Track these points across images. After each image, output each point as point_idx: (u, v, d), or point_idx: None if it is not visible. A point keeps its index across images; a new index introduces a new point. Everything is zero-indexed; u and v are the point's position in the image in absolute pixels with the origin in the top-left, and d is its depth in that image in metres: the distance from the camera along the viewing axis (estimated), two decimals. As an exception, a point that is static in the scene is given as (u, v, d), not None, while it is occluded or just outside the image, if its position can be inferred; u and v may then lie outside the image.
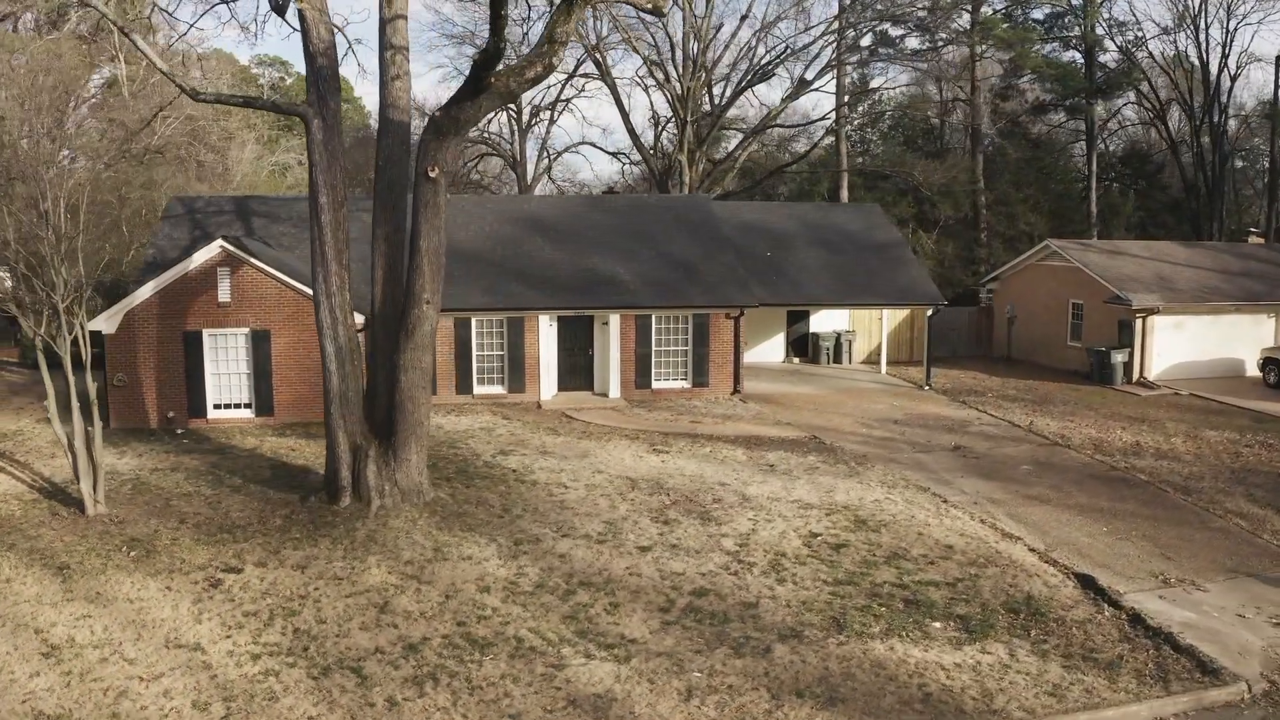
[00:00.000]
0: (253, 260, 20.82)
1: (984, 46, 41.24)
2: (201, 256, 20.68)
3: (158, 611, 12.13)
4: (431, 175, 14.61)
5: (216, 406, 21.31)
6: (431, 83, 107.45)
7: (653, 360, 26.00)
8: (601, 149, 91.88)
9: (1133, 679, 11.15)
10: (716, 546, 14.75)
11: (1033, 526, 16.32)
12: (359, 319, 21.58)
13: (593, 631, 11.90)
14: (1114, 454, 20.83)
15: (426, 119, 15.21)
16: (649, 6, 16.23)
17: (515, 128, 58.53)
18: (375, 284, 15.89)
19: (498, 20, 13.36)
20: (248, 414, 21.47)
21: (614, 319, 25.55)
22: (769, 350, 32.63)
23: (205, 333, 20.97)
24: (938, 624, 12.36)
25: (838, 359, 32.29)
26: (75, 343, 15.16)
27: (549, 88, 56.17)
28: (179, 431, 20.58)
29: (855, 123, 47.05)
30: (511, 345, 25.11)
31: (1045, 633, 12.19)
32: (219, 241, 20.69)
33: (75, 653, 11.10)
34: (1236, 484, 18.73)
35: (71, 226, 15.61)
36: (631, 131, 45.57)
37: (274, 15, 14.77)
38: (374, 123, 68.59)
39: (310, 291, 21.35)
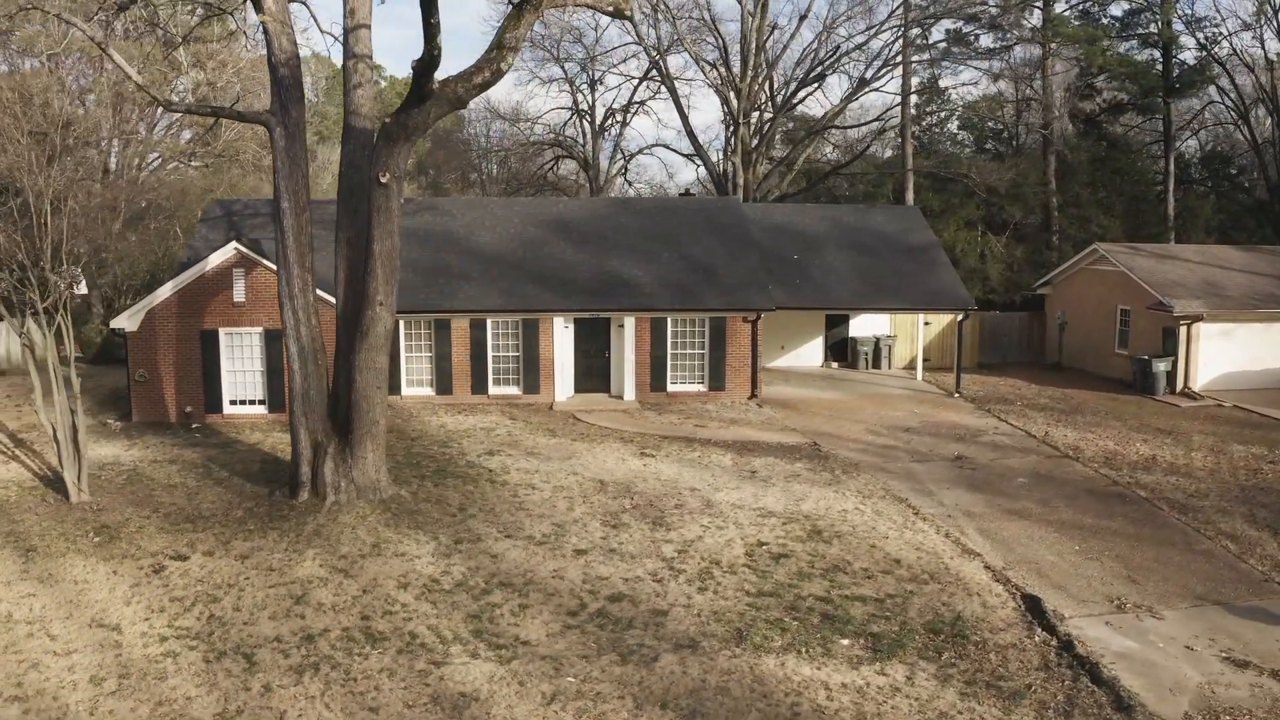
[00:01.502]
0: (265, 262, 21.81)
1: (1054, 44, 39.42)
2: (217, 258, 21.81)
3: (95, 593, 12.93)
4: (383, 180, 15.04)
5: (232, 402, 22.43)
6: (511, 84, 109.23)
7: (668, 363, 25.95)
8: (677, 151, 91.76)
9: (1032, 711, 10.58)
10: (655, 552, 14.69)
11: (1000, 542, 15.64)
12: (365, 319, 22.46)
13: (489, 632, 12.07)
14: (1122, 468, 19.70)
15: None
16: (609, 9, 16.31)
17: (590, 130, 59.33)
18: (339, 285, 16.46)
19: (430, 29, 13.66)
20: (261, 410, 22.52)
21: (629, 321, 25.62)
22: (806, 354, 32.09)
23: (221, 331, 22.09)
24: (846, 641, 12.01)
25: (876, 364, 31.49)
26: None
27: (619, 89, 56.69)
28: (194, 426, 21.75)
29: (923, 123, 45.69)
30: (526, 347, 25.49)
31: (959, 656, 11.70)
32: (233, 244, 21.77)
33: (8, 628, 11.96)
34: (1242, 503, 17.46)
35: (105, 231, 16.74)
36: (691, 134, 45.51)
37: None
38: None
39: (320, 292, 22.41)
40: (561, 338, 25.80)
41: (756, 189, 42.77)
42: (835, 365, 32.08)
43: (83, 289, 31.99)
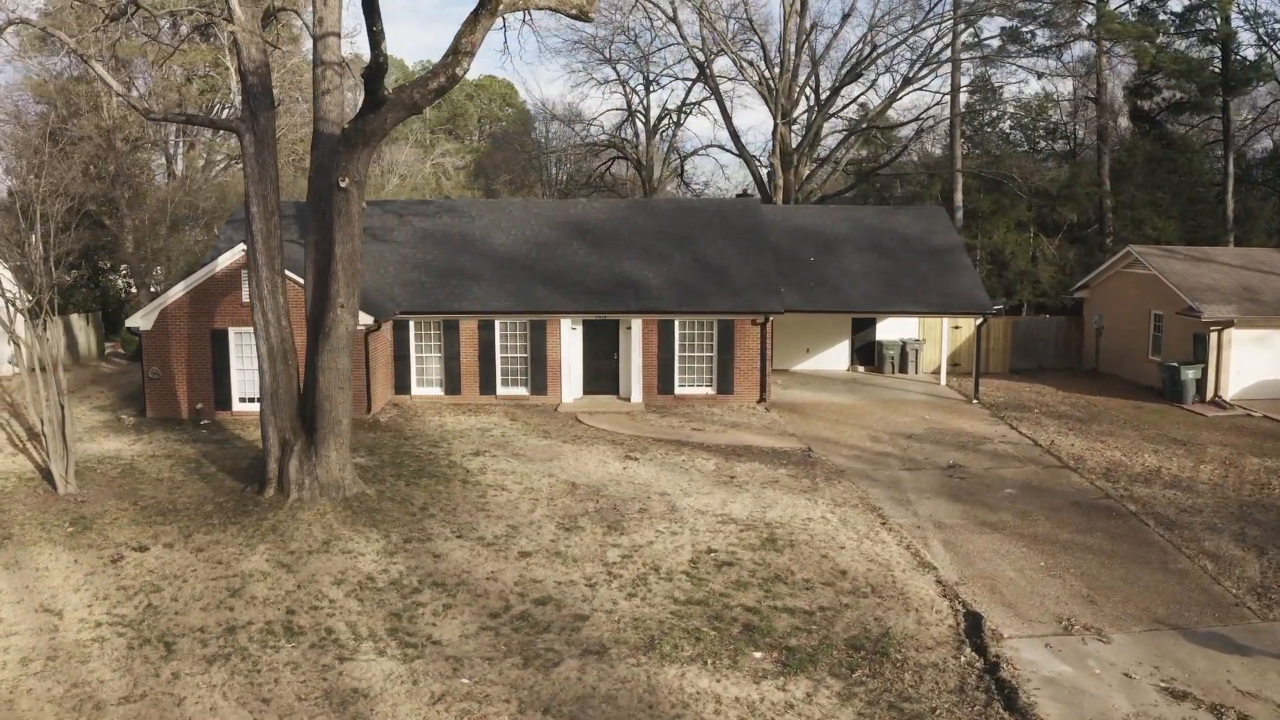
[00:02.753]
0: (271, 265, 22.51)
1: (1109, 42, 37.78)
2: (226, 259, 22.62)
3: (51, 580, 13.59)
4: (343, 185, 15.40)
5: (241, 400, 23.22)
6: (566, 86, 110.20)
7: (676, 366, 25.83)
8: (730, 152, 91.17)
9: (928, 732, 10.24)
10: (598, 557, 14.67)
11: (963, 556, 15.12)
12: (368, 319, 23.03)
13: (405, 631, 12.25)
14: (1120, 480, 18.80)
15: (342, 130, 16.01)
16: (573, 12, 16.34)
17: (644, 131, 59.41)
18: (308, 288, 16.88)
19: (373, 36, 13.92)
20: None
21: (636, 323, 25.60)
22: (831, 358, 31.52)
23: (231, 330, 22.90)
24: (758, 654, 11.80)
25: (903, 368, 30.75)
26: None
27: (671, 90, 56.28)
28: (203, 422, 22.61)
29: (974, 122, 44.34)
30: (534, 348, 25.70)
31: (871, 674, 11.37)
32: (242, 245, 22.54)
33: (-38, 612, 12.68)
34: (1237, 520, 16.48)
35: (153, 233, 17.58)
36: (734, 135, 45.19)
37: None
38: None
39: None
40: (569, 339, 25.93)
41: (799, 190, 42.20)
42: (861, 369, 31.44)
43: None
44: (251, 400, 23.35)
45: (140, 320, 22.58)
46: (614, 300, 25.75)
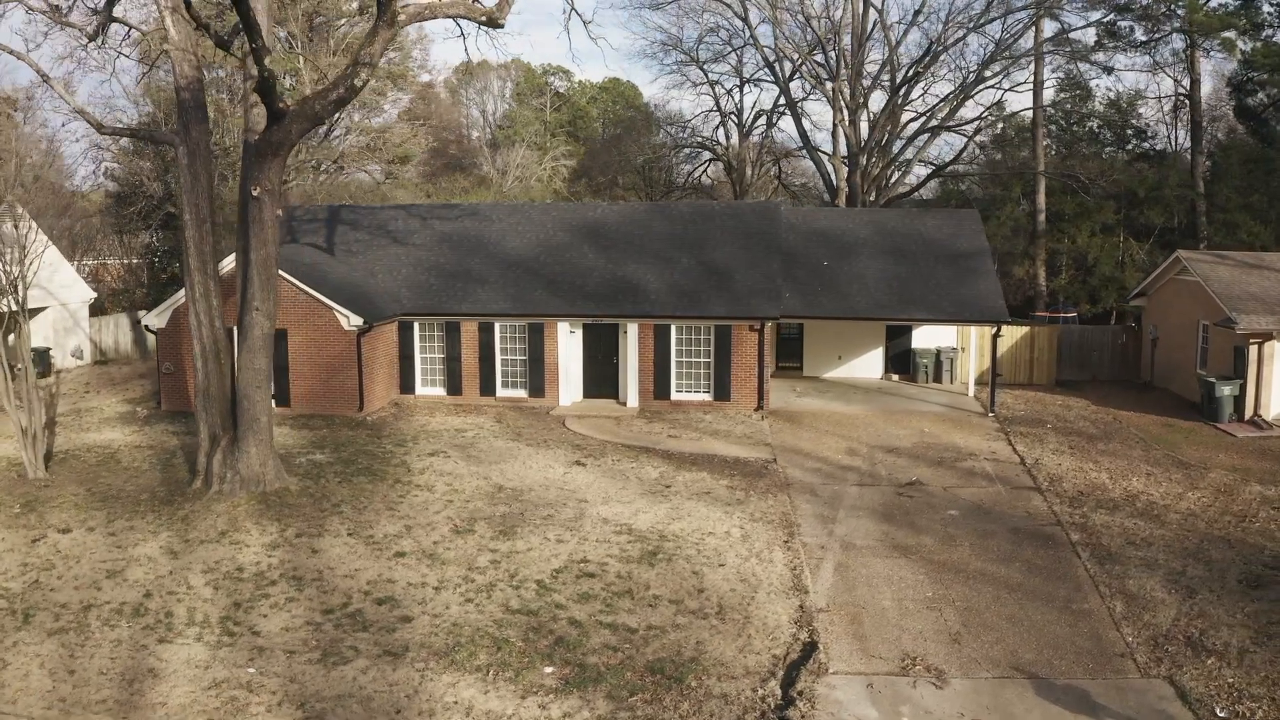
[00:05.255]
0: (271, 268, 23.74)
1: (1200, 36, 34.38)
2: (229, 262, 23.93)
3: (-32, 557, 14.88)
4: (255, 194, 16.09)
5: (245, 394, 24.58)
6: (660, 89, 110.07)
7: (672, 371, 25.45)
8: (826, 153, 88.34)
9: (672, 762, 9.74)
10: (468, 561, 14.71)
11: (847, 581, 14.23)
12: (358, 320, 23.90)
13: (234, 620, 12.72)
14: (1087, 504, 17.18)
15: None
16: (483, 19, 16.47)
17: (737, 133, 58.75)
18: (239, 292, 17.69)
19: (257, 54, 14.48)
20: (270, 404, 24.50)
21: (632, 328, 25.41)
22: (864, 366, 30.21)
23: (235, 329, 24.24)
24: (550, 669, 11.55)
25: (937, 378, 29.11)
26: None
27: (761, 91, 55.23)
28: (207, 414, 24.08)
29: (1059, 122, 41.38)
30: (532, 350, 25.94)
31: (650, 700, 10.94)
32: (244, 251, 23.84)
33: (-122, 581, 14.08)
34: (1184, 556, 14.75)
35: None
36: (804, 136, 44.06)
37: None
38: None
39: (320, 296, 24.07)
40: (567, 343, 26.01)
41: (866, 191, 40.66)
42: (896, 378, 29.98)
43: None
44: (256, 396, 24.70)
45: (154, 319, 24.32)
46: (612, 304, 25.64)
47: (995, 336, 24.44)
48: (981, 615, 13.09)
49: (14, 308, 19.09)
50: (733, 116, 57.85)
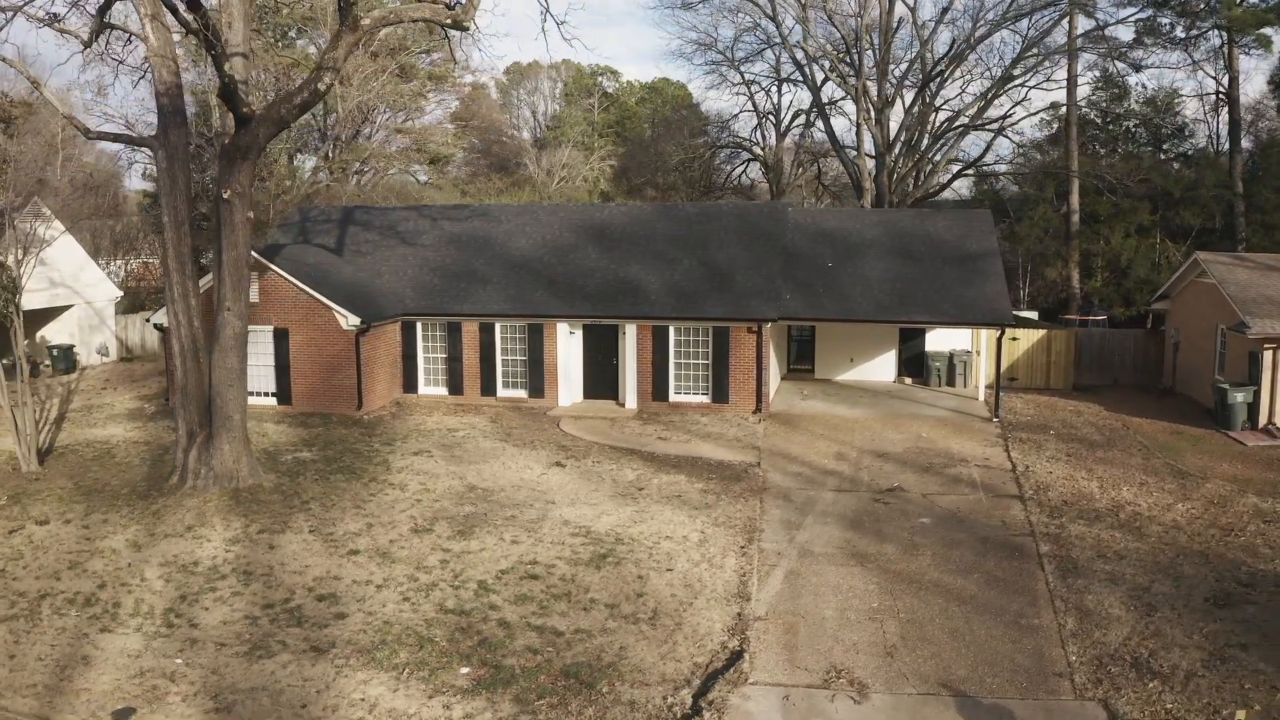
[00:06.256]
0: (273, 266, 24.20)
1: (1239, 35, 32.93)
2: (236, 264, 24.53)
3: (-56, 546, 15.45)
4: (225, 197, 16.40)
5: (250, 394, 25.03)
6: (699, 89, 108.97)
7: (670, 372, 25.26)
8: (853, 149, 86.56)
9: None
10: (418, 560, 14.78)
11: (794, 589, 13.95)
12: (356, 320, 24.22)
13: (178, 612, 13.03)
14: (1067, 515, 16.56)
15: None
16: (447, 21, 16.55)
17: (774, 133, 58.19)
18: (215, 292, 18.03)
19: (216, 60, 14.75)
20: (271, 402, 25.01)
21: (630, 329, 25.30)
22: (876, 369, 29.60)
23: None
24: (466, 670, 11.54)
25: (950, 381, 28.39)
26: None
27: (798, 90, 54.56)
28: (212, 410, 24.65)
29: (1095, 120, 40.05)
30: (532, 351, 25.98)
31: (556, 704, 10.87)
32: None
33: None
34: (1154, 571, 14.12)
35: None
36: (831, 135, 43.41)
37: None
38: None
39: (319, 296, 24.45)
40: (567, 344, 26.00)
41: (893, 190, 39.88)
42: (909, 381, 29.31)
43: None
44: (255, 394, 25.17)
45: (162, 317, 24.94)
46: (611, 305, 25.56)
47: (1000, 339, 23.72)
48: (924, 628, 12.70)
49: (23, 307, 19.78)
50: (770, 116, 57.39)
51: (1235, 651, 11.75)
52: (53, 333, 30.87)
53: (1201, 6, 33.57)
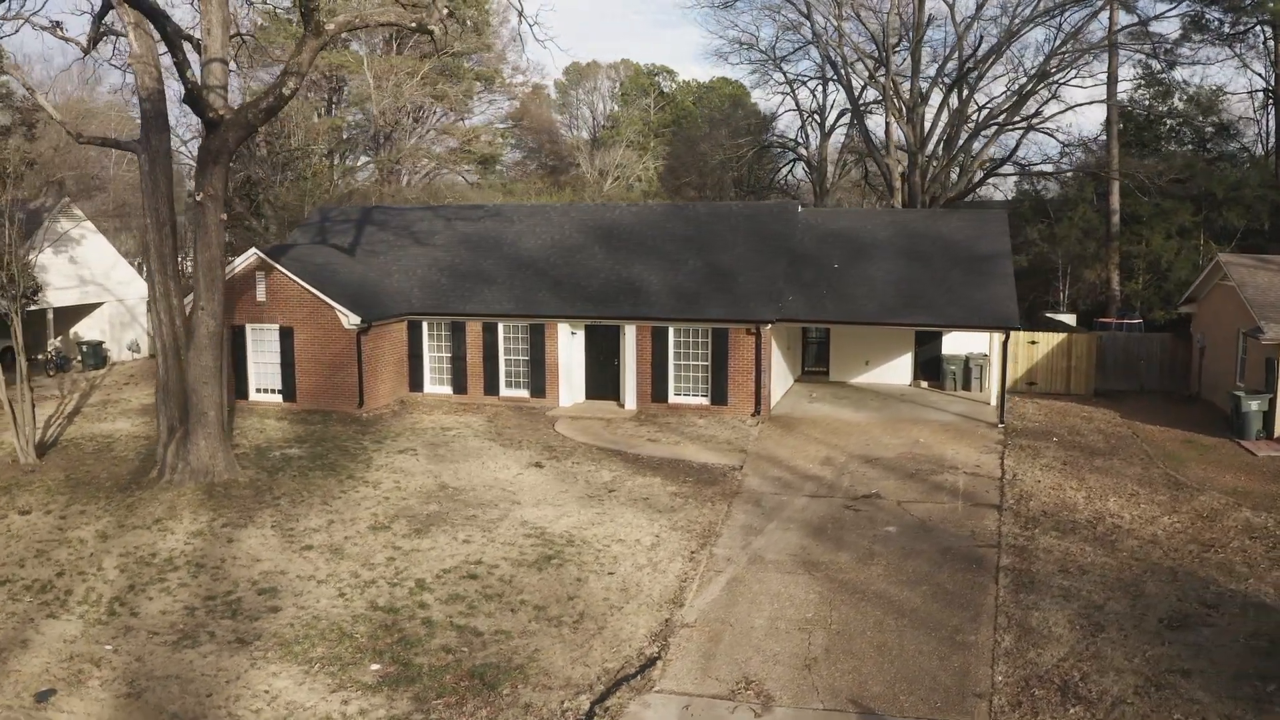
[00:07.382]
0: (278, 266, 24.75)
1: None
2: (242, 262, 25.15)
3: (-71, 533, 16.14)
4: (199, 199, 16.80)
5: (257, 390, 25.70)
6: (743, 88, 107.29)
7: (670, 374, 25.07)
8: (899, 147, 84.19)
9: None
10: (366, 558, 14.93)
11: (734, 596, 13.69)
12: (356, 319, 24.61)
13: (123, 600, 13.41)
14: (1041, 526, 15.89)
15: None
16: (413, 25, 16.68)
17: (819, 132, 57.36)
18: (193, 293, 18.49)
19: (179, 67, 15.12)
20: (278, 399, 25.57)
21: (629, 330, 25.19)
22: (892, 371, 28.95)
23: (248, 326, 25.43)
24: (376, 666, 11.61)
25: (966, 385, 27.59)
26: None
27: (839, 91, 53.44)
28: (221, 406, 25.31)
29: (1135, 118, 38.44)
30: (534, 351, 26.05)
31: (454, 705, 10.85)
32: (254, 250, 24.96)
33: None
34: (1113, 589, 13.46)
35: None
36: (865, 134, 42.58)
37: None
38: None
39: (321, 295, 24.90)
40: (568, 344, 26.00)
41: (925, 190, 38.94)
42: (925, 385, 28.59)
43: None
44: (263, 390, 25.80)
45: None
46: (612, 305, 25.49)
47: (1005, 343, 22.93)
48: (852, 641, 12.31)
49: (28, 305, 20.58)
50: (814, 116, 56.57)
51: (1174, 678, 11.11)
52: (85, 329, 32.13)
53: (1247, 2, 31.96)
